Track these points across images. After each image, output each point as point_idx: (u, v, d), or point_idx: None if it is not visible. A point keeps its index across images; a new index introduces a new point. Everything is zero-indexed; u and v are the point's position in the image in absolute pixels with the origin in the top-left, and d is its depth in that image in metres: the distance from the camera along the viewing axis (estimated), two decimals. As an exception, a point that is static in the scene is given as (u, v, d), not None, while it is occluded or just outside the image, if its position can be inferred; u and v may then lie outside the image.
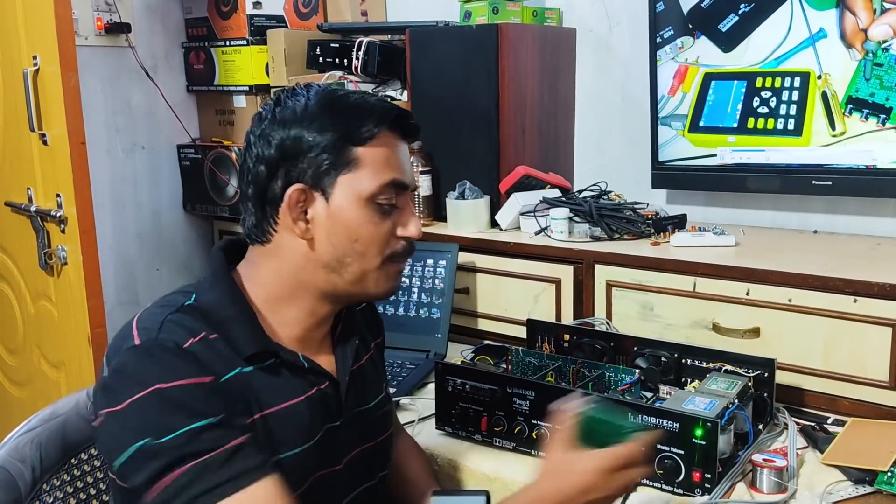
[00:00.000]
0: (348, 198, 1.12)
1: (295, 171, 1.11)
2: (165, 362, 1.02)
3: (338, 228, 1.13)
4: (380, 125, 1.13)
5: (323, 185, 1.12)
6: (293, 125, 1.11)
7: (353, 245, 1.13)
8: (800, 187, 2.03)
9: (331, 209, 1.12)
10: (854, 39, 1.88)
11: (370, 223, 1.13)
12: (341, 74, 2.52)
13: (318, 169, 1.11)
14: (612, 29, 2.41)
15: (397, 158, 1.16)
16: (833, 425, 1.59)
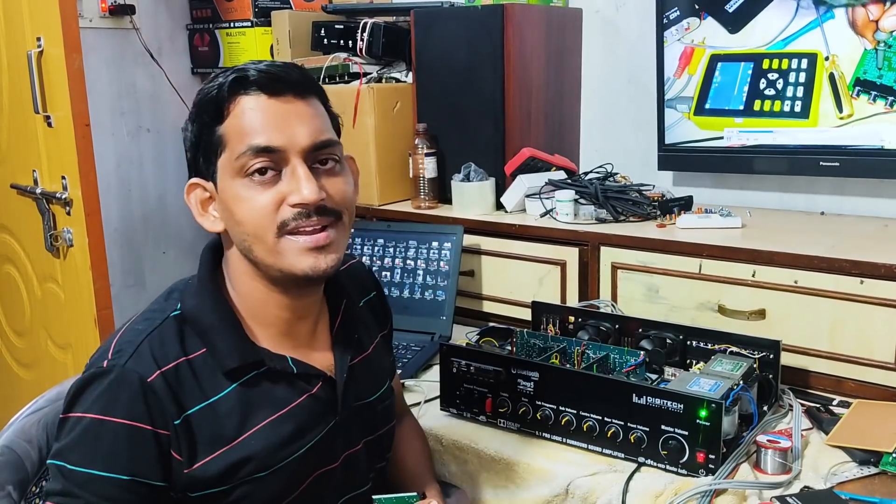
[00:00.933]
0: (225, 179, 1.07)
1: (193, 170, 1.11)
2: (117, 395, 1.02)
3: (226, 213, 1.09)
4: (228, 93, 1.06)
5: (209, 173, 1.09)
6: (185, 126, 1.12)
7: (243, 227, 1.07)
8: (807, 168, 2.02)
9: (218, 195, 1.09)
10: (865, 30, 1.87)
11: (244, 200, 1.06)
12: (346, 56, 2.51)
13: (203, 160, 1.09)
14: (619, 9, 2.39)
15: (258, 121, 1.05)
16: (838, 407, 1.59)
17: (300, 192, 1.05)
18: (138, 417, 1.02)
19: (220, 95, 1.06)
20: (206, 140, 1.08)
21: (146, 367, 1.04)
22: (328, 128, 1.11)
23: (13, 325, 2.79)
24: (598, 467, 1.41)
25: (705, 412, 1.32)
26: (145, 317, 1.12)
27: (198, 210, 1.12)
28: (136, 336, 1.07)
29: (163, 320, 1.10)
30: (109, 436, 1.01)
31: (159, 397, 1.03)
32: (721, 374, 1.46)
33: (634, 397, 1.39)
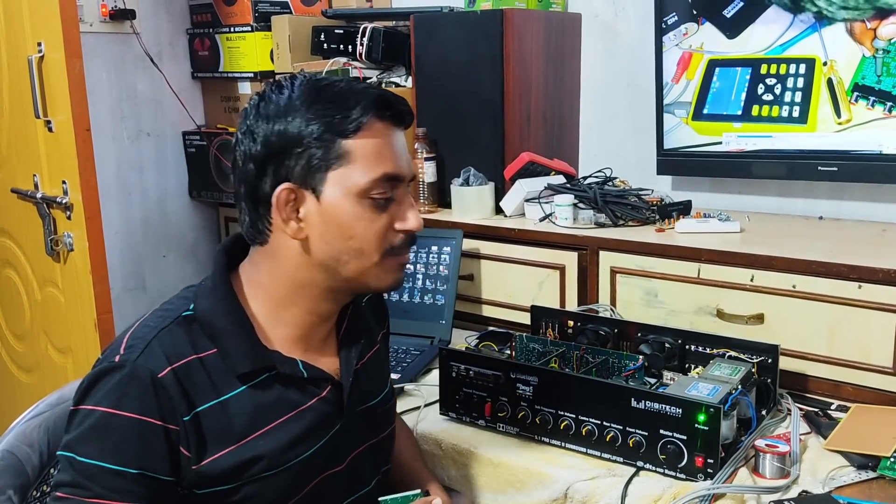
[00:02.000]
0: (340, 194, 1.08)
1: (283, 169, 1.07)
2: (127, 389, 1.03)
3: (331, 227, 1.09)
4: (366, 114, 1.07)
5: (313, 183, 1.08)
6: (277, 120, 1.07)
7: (349, 243, 1.10)
8: (805, 173, 2.02)
9: (322, 207, 1.08)
10: (863, 38, 1.87)
11: (364, 219, 1.09)
12: (346, 61, 2.52)
13: (306, 166, 1.07)
14: (618, 14, 2.40)
15: (390, 149, 1.10)
16: (836, 411, 1.60)
17: (411, 221, 1.13)
18: (148, 412, 1.02)
19: (360, 112, 1.07)
20: (323, 150, 1.07)
21: (157, 363, 1.04)
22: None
23: (13, 329, 2.79)
24: (596, 471, 1.42)
25: (704, 416, 1.33)
26: (158, 314, 1.12)
27: (286, 214, 1.09)
28: (148, 332, 1.08)
29: (174, 318, 1.10)
30: (120, 429, 1.01)
31: (170, 393, 1.04)
32: (719, 378, 1.46)
33: (633, 401, 1.39)
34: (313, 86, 1.10)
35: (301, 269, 1.12)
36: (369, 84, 1.14)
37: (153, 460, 1.03)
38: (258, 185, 1.09)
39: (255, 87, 2.76)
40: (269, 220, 1.11)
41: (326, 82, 1.11)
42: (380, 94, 1.10)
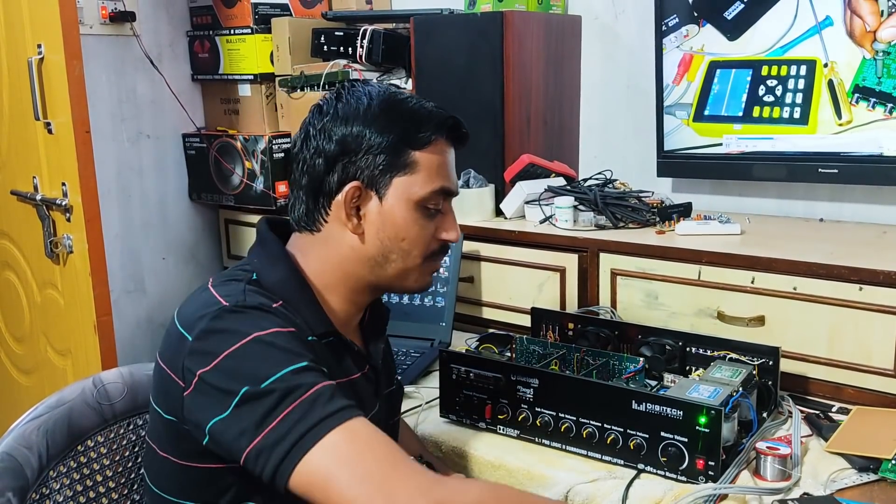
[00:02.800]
0: (400, 199, 1.17)
1: (353, 168, 1.16)
2: (256, 316, 1.06)
3: (387, 226, 1.18)
4: (437, 132, 1.19)
5: (378, 185, 1.17)
6: (355, 123, 1.16)
7: (400, 244, 1.19)
8: (806, 175, 2.02)
9: (383, 208, 1.18)
10: (863, 41, 1.88)
11: (417, 225, 1.19)
12: (346, 63, 2.52)
13: (375, 168, 1.16)
14: (618, 16, 2.40)
15: (448, 166, 1.22)
16: (837, 413, 1.59)
17: (453, 233, 1.24)
18: (280, 325, 1.07)
19: (432, 129, 1.18)
20: (395, 156, 1.16)
21: (264, 300, 1.10)
22: None
23: (13, 332, 2.79)
24: (597, 474, 1.41)
25: (705, 419, 1.32)
26: (226, 278, 1.15)
27: (349, 209, 1.17)
28: (236, 286, 1.12)
29: (248, 281, 1.14)
30: (273, 342, 1.04)
31: (285, 315, 1.10)
32: (720, 380, 1.46)
33: (634, 404, 1.39)
34: (391, 97, 1.19)
35: (350, 261, 1.20)
36: (437, 105, 1.23)
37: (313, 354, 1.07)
38: (324, 179, 1.17)
39: (255, 89, 2.76)
40: (328, 211, 1.19)
41: (402, 96, 1.21)
42: (450, 117, 1.22)
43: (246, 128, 2.81)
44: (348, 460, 0.96)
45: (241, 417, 0.99)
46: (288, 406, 0.98)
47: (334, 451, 0.97)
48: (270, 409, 0.98)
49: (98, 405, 1.31)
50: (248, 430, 0.99)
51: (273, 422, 0.98)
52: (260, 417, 0.98)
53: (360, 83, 1.22)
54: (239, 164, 2.77)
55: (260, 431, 0.98)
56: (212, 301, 1.08)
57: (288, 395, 0.99)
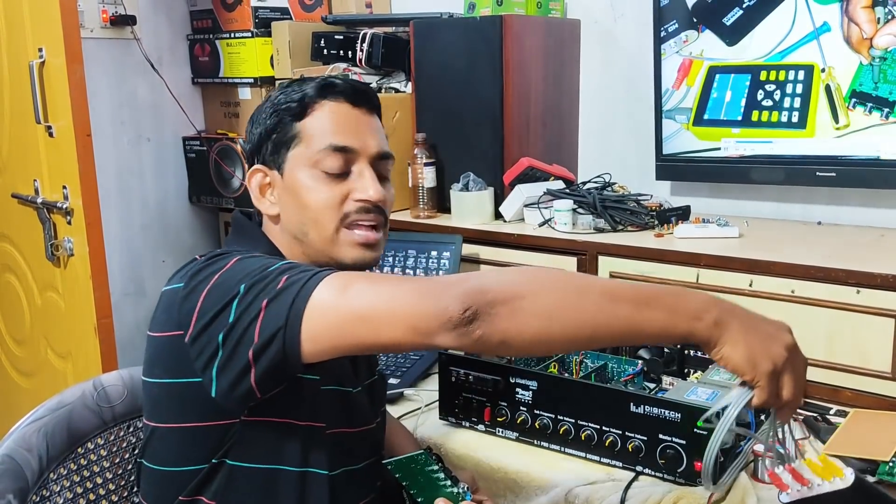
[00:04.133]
0: (296, 169, 1.19)
1: (258, 156, 1.23)
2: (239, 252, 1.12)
3: (291, 199, 1.19)
4: (313, 96, 1.20)
5: (278, 163, 1.21)
6: (256, 121, 1.24)
7: (305, 213, 1.18)
8: (804, 178, 2.03)
9: (284, 182, 1.20)
10: (860, 47, 1.88)
11: (316, 189, 1.18)
12: (346, 66, 2.53)
13: (272, 149, 1.21)
14: (617, 20, 2.40)
15: (341, 124, 1.20)
16: (835, 416, 1.60)
17: (367, 190, 1.19)
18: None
19: (306, 95, 1.20)
20: (281, 133, 1.20)
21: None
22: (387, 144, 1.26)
23: (13, 334, 2.79)
24: (596, 476, 1.41)
25: (703, 422, 1.33)
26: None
27: (256, 194, 1.23)
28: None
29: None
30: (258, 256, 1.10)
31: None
32: (719, 383, 1.46)
33: (632, 406, 1.39)
34: (278, 87, 1.26)
35: (282, 243, 1.22)
36: (331, 76, 1.25)
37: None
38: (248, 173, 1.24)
39: (255, 92, 2.76)
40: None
41: (289, 81, 1.25)
42: (325, 79, 1.22)
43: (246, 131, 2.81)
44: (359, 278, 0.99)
45: (248, 304, 1.00)
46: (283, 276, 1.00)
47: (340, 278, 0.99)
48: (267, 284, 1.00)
49: (98, 408, 1.32)
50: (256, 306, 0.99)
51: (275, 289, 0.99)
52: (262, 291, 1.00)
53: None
54: (239, 168, 2.77)
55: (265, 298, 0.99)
56: (194, 260, 1.13)
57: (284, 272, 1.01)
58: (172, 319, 1.08)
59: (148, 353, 1.16)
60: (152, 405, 1.16)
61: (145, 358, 1.16)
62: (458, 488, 1.24)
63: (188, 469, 1.11)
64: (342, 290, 0.96)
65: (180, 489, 1.11)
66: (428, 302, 0.91)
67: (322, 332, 0.97)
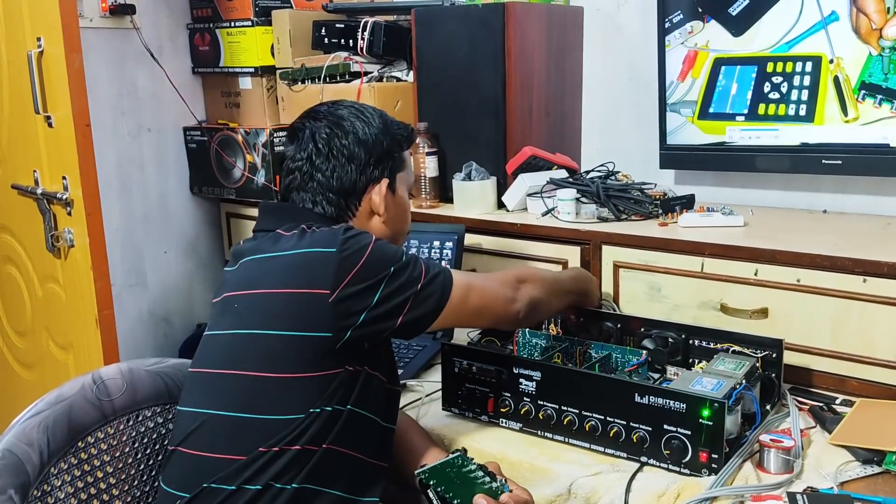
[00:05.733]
0: (401, 188, 1.52)
1: (378, 169, 1.46)
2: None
3: (400, 212, 1.52)
4: (410, 140, 1.55)
5: (392, 181, 1.49)
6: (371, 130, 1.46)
7: (403, 225, 1.55)
8: (809, 167, 2.01)
9: (396, 199, 1.50)
10: (869, 38, 1.86)
11: (409, 207, 1.58)
12: (347, 55, 2.51)
13: (391, 169, 1.49)
14: (620, 7, 2.38)
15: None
16: (841, 406, 1.59)
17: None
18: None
19: (407, 132, 1.54)
20: (397, 158, 1.51)
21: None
22: None
23: (14, 326, 2.79)
24: (600, 467, 1.41)
25: (708, 411, 1.32)
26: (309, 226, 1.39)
27: (386, 202, 1.48)
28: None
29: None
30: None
31: None
32: (723, 373, 1.46)
33: (637, 397, 1.39)
34: (375, 110, 1.51)
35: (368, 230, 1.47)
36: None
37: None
38: (356, 179, 1.45)
39: (255, 82, 2.74)
40: (357, 205, 1.46)
41: (379, 113, 1.52)
42: (409, 125, 1.58)
43: (247, 121, 2.80)
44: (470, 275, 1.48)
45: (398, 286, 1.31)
46: (422, 266, 1.36)
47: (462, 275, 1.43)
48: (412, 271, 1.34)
49: (98, 401, 1.31)
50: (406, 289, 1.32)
51: (420, 277, 1.34)
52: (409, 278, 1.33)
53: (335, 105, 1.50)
54: (240, 158, 2.76)
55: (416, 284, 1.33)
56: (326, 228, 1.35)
57: (417, 261, 1.36)
58: (321, 277, 1.27)
59: (265, 307, 1.30)
60: (260, 355, 1.29)
61: (257, 309, 1.31)
62: (497, 482, 1.29)
63: (292, 417, 1.25)
64: (465, 294, 1.40)
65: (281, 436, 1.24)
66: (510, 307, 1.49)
67: (451, 317, 1.39)
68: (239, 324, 1.31)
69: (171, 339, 2.92)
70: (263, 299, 1.30)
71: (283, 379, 1.26)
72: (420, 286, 1.33)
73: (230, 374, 1.29)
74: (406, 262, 1.33)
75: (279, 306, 1.29)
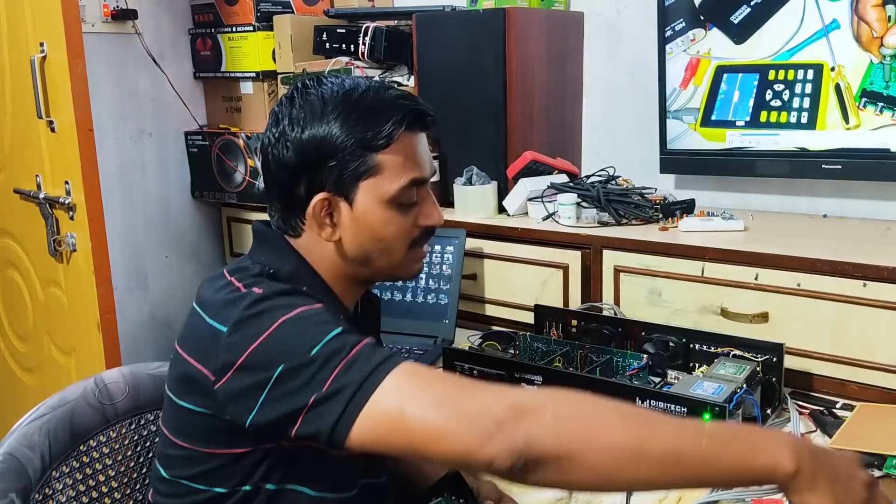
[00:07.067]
0: (371, 201, 1.14)
1: (318, 178, 1.13)
2: (287, 301, 1.05)
3: (363, 230, 1.15)
4: (398, 129, 1.12)
5: (346, 192, 1.13)
6: (310, 129, 1.12)
7: (379, 244, 1.17)
8: (809, 171, 2.01)
9: (354, 213, 1.14)
10: (870, 46, 1.87)
11: (393, 223, 1.16)
12: (348, 60, 2.52)
13: (339, 177, 1.12)
14: (621, 13, 2.39)
15: (416, 155, 1.16)
16: (842, 410, 1.59)
17: (433, 216, 1.20)
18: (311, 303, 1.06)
19: (391, 127, 1.12)
20: (357, 163, 1.12)
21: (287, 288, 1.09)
22: None
23: (16, 330, 2.79)
24: (601, 471, 1.41)
25: (708, 415, 1.32)
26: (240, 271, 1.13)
27: (320, 220, 1.15)
28: (256, 281, 1.09)
29: (266, 276, 1.12)
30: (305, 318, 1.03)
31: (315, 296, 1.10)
32: (724, 377, 1.46)
33: (637, 401, 1.39)
34: (345, 98, 1.13)
35: (336, 263, 1.19)
36: (398, 92, 1.17)
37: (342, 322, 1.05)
38: (292, 191, 1.14)
39: (257, 86, 2.75)
40: (303, 220, 1.16)
41: (358, 93, 1.14)
42: (408, 107, 1.14)
43: (248, 125, 2.81)
44: (416, 393, 0.95)
45: (285, 393, 0.98)
46: (334, 368, 0.97)
47: (399, 390, 0.95)
48: (314, 374, 0.97)
49: (100, 405, 1.31)
50: (294, 399, 0.98)
51: (323, 384, 0.96)
52: (305, 383, 0.97)
53: (314, 82, 1.17)
54: (241, 162, 2.77)
55: (309, 395, 0.97)
56: (239, 292, 1.07)
57: (331, 359, 0.98)
58: (209, 360, 1.05)
59: (173, 367, 1.14)
60: (172, 419, 1.14)
61: (174, 373, 1.14)
62: None
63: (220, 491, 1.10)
64: (395, 417, 0.94)
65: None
66: (479, 444, 0.90)
67: (371, 440, 0.96)
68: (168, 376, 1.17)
69: (173, 342, 2.90)
70: (176, 357, 1.13)
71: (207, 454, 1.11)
72: (316, 397, 0.96)
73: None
74: (309, 359, 0.98)
75: (181, 372, 1.11)
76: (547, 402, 0.93)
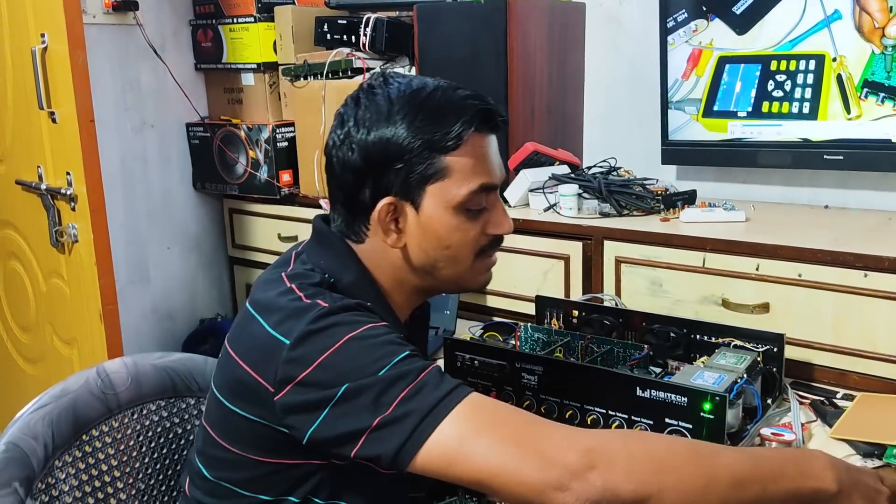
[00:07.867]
0: (438, 206, 1.11)
1: (383, 182, 1.10)
2: (352, 317, 1.03)
3: (429, 237, 1.12)
4: (467, 130, 1.09)
5: (412, 196, 1.10)
6: (376, 131, 1.09)
7: (445, 251, 1.13)
8: (811, 162, 2.01)
9: (421, 219, 1.11)
10: (872, 36, 1.87)
11: (461, 230, 1.13)
12: (349, 51, 2.52)
13: (406, 180, 1.09)
14: (622, 4, 2.39)
15: (486, 159, 1.13)
16: (842, 400, 1.59)
17: (503, 225, 1.17)
18: (377, 321, 1.04)
19: (460, 127, 1.09)
20: (424, 166, 1.09)
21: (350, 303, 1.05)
22: None
23: (19, 321, 2.80)
24: (602, 461, 1.41)
25: (709, 405, 1.32)
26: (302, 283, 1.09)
27: (385, 226, 1.12)
28: (317, 291, 1.07)
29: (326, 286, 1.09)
30: (372, 337, 1.01)
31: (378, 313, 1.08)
32: (725, 367, 1.46)
33: (638, 391, 1.39)
34: (412, 97, 1.10)
35: (400, 270, 1.16)
36: (467, 92, 1.14)
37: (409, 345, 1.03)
38: (357, 194, 1.12)
39: (258, 78, 2.75)
40: (367, 226, 1.14)
41: (426, 93, 1.11)
42: (480, 109, 1.12)
43: (249, 117, 2.81)
44: (484, 428, 0.93)
45: (348, 412, 0.96)
46: (401, 392, 0.95)
47: (466, 422, 0.93)
48: (379, 395, 0.95)
49: (102, 395, 1.32)
50: (357, 419, 0.96)
51: (388, 407, 0.95)
52: (369, 404, 0.95)
53: (381, 81, 1.13)
54: (243, 154, 2.77)
55: (374, 417, 0.95)
56: (301, 303, 1.05)
57: (398, 382, 0.96)
58: (269, 371, 1.02)
59: (227, 372, 1.10)
60: (222, 423, 1.12)
61: (225, 375, 1.11)
62: None
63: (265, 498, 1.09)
64: (466, 442, 0.93)
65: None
66: (554, 488, 0.89)
67: (434, 468, 0.95)
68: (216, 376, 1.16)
69: (175, 334, 2.94)
70: (227, 360, 1.10)
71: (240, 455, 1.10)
72: (381, 419, 0.95)
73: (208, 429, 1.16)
74: (375, 380, 0.96)
75: (235, 377, 1.07)
76: (619, 446, 0.92)
